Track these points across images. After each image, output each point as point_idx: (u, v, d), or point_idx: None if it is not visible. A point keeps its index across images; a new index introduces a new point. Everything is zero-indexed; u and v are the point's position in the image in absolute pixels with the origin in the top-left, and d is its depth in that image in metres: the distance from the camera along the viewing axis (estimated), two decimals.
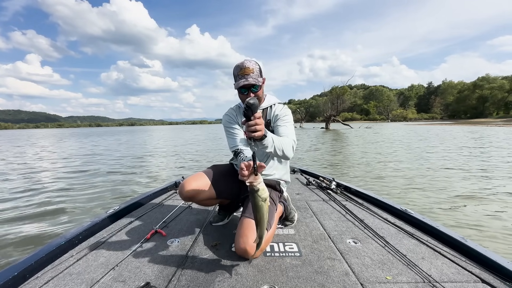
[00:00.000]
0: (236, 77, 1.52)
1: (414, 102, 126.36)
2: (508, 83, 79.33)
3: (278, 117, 1.63)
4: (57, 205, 3.97)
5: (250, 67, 1.49)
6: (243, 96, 1.55)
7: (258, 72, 1.52)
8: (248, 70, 1.48)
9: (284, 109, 1.67)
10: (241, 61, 1.53)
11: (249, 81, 1.46)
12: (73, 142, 21.91)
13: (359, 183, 4.90)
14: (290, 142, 1.45)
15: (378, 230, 1.66)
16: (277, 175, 1.70)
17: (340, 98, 38.02)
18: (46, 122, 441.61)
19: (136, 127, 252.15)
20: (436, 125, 46.00)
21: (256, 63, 1.53)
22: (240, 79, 1.49)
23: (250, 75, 1.48)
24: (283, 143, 1.38)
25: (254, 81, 1.47)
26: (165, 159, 9.50)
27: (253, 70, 1.49)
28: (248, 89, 1.51)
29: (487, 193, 4.05)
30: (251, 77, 1.48)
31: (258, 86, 1.52)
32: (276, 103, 1.70)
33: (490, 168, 5.94)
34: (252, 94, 1.52)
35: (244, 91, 1.52)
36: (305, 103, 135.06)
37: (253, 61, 1.53)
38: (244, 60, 1.52)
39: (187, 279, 1.17)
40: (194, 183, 1.53)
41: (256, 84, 1.50)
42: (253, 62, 1.51)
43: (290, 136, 1.51)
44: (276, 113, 1.65)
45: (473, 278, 1.15)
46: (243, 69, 1.48)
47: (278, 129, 1.58)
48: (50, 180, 5.92)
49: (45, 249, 1.34)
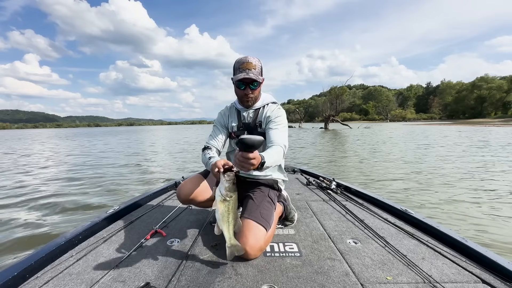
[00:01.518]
0: (236, 70, 1.49)
1: (413, 102, 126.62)
2: (506, 83, 79.56)
3: (270, 119, 1.57)
4: (57, 205, 3.96)
5: (253, 62, 1.47)
6: (240, 91, 1.53)
7: (260, 70, 1.50)
8: (251, 65, 1.46)
9: (276, 109, 1.61)
10: (244, 55, 1.51)
11: (249, 76, 1.44)
12: (72, 141, 21.86)
13: (356, 182, 4.91)
14: (280, 152, 1.41)
15: (378, 230, 1.66)
16: (273, 175, 1.69)
17: (339, 98, 38.08)
18: (45, 122, 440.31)
19: (135, 127, 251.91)
20: (434, 125, 46.12)
21: (259, 60, 1.52)
22: (241, 72, 1.46)
23: (252, 71, 1.46)
24: (275, 157, 1.33)
25: (255, 77, 1.45)
26: (165, 159, 9.49)
27: (255, 67, 1.47)
28: (247, 85, 1.50)
29: (487, 193, 4.06)
30: (252, 72, 1.46)
31: (258, 83, 1.50)
32: (269, 102, 1.64)
33: (488, 166, 5.97)
34: (250, 90, 1.50)
35: (242, 86, 1.50)
36: (304, 103, 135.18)
37: (256, 58, 1.51)
38: (248, 56, 1.50)
39: (187, 279, 1.17)
40: (192, 186, 1.53)
41: (256, 81, 1.48)
42: (256, 59, 1.50)
43: (281, 141, 1.46)
44: (268, 114, 1.59)
45: (474, 278, 1.15)
46: (246, 63, 1.46)
47: (269, 132, 1.52)
48: (50, 180, 5.90)
49: (45, 249, 1.34)
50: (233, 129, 1.65)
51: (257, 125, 1.59)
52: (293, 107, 68.22)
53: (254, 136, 1.08)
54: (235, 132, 1.64)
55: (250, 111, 1.63)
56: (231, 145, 1.72)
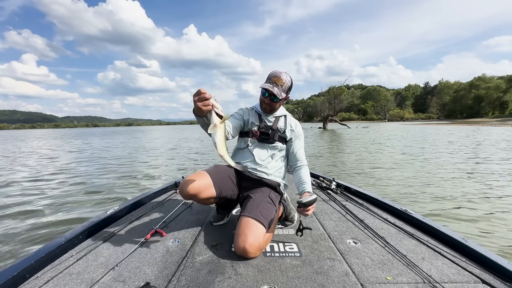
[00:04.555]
0: (267, 79, 1.62)
1: (411, 102, 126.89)
2: (504, 83, 79.87)
3: (295, 134, 1.75)
4: (57, 205, 3.95)
5: (283, 79, 1.59)
6: (262, 97, 1.66)
7: (287, 88, 1.63)
8: (280, 80, 1.59)
9: (298, 125, 1.80)
10: (281, 70, 1.64)
11: (272, 90, 1.56)
12: (72, 141, 21.79)
13: (355, 180, 4.93)
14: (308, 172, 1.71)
15: (378, 230, 1.66)
16: (277, 177, 1.73)
17: (338, 98, 38.06)
18: (42, 123, 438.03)
19: (133, 127, 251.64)
20: (432, 125, 46.27)
21: (291, 80, 1.64)
22: (269, 83, 1.59)
23: (279, 86, 1.58)
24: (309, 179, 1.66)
25: (276, 93, 1.56)
26: (165, 159, 9.48)
27: (283, 84, 1.59)
28: (269, 95, 1.61)
29: (487, 192, 4.08)
30: (277, 87, 1.58)
31: (278, 99, 1.60)
32: (288, 114, 1.80)
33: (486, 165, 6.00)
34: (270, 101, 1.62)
35: (266, 94, 1.62)
36: (303, 103, 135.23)
37: (290, 76, 1.63)
38: (283, 72, 1.61)
39: (187, 279, 1.17)
40: (195, 182, 1.53)
41: (276, 96, 1.58)
42: (288, 78, 1.62)
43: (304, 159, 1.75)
44: (292, 126, 1.76)
45: (473, 278, 1.15)
46: (276, 77, 1.59)
47: (297, 149, 1.75)
48: (50, 180, 5.88)
49: (45, 249, 1.33)
50: (254, 127, 1.74)
51: (279, 130, 1.73)
52: (292, 107, 68.34)
53: (310, 199, 1.37)
54: (255, 130, 1.73)
55: (270, 116, 1.75)
56: (244, 142, 1.77)
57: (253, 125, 1.73)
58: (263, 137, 1.71)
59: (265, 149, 1.72)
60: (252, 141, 1.73)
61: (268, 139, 1.71)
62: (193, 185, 1.51)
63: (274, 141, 1.71)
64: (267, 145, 1.72)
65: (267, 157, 1.71)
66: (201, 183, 1.53)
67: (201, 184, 1.53)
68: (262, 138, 1.71)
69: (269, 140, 1.70)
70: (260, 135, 1.71)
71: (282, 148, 1.74)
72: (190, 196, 1.54)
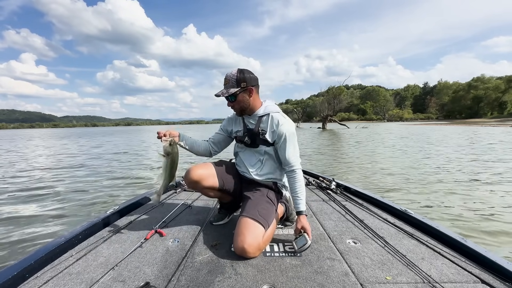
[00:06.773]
0: None
1: (410, 102, 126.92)
2: (502, 84, 79.96)
3: (278, 134, 1.55)
4: (57, 205, 3.94)
5: (227, 77, 1.52)
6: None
7: (234, 80, 1.50)
8: (225, 80, 1.53)
9: (284, 124, 1.55)
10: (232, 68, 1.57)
11: (219, 94, 1.53)
12: (73, 141, 21.74)
13: (354, 179, 4.94)
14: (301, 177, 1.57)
15: (378, 230, 1.66)
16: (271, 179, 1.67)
17: (337, 98, 38.03)
18: (41, 122, 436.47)
19: (132, 127, 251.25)
20: (431, 125, 46.31)
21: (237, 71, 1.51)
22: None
23: (225, 85, 1.53)
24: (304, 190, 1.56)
25: (222, 93, 1.52)
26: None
27: (228, 81, 1.52)
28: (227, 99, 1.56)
29: (487, 192, 4.09)
30: (226, 87, 1.52)
31: (233, 97, 1.53)
32: (272, 112, 1.59)
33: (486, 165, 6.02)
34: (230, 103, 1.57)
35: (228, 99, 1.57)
36: (302, 103, 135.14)
37: (237, 69, 1.53)
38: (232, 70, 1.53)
39: (187, 279, 1.17)
40: (199, 170, 1.60)
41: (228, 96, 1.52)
42: (234, 71, 1.52)
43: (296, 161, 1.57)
44: (274, 127, 1.56)
45: (473, 278, 1.16)
46: (224, 80, 1.54)
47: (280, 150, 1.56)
48: (50, 179, 5.88)
49: (44, 249, 1.33)
50: (238, 134, 1.70)
51: (260, 132, 1.59)
52: (291, 107, 68.34)
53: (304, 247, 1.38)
54: (238, 137, 1.70)
55: (252, 118, 1.63)
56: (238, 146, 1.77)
57: (238, 132, 1.70)
58: (246, 142, 1.64)
59: (253, 154, 1.67)
60: (240, 146, 1.72)
61: (250, 143, 1.63)
62: (197, 172, 1.58)
63: (257, 145, 1.61)
64: (253, 149, 1.64)
65: (256, 161, 1.66)
66: (204, 172, 1.60)
67: (205, 172, 1.60)
68: (246, 144, 1.65)
69: (253, 145, 1.63)
70: (242, 141, 1.66)
71: (269, 151, 1.61)
72: (194, 182, 1.59)
